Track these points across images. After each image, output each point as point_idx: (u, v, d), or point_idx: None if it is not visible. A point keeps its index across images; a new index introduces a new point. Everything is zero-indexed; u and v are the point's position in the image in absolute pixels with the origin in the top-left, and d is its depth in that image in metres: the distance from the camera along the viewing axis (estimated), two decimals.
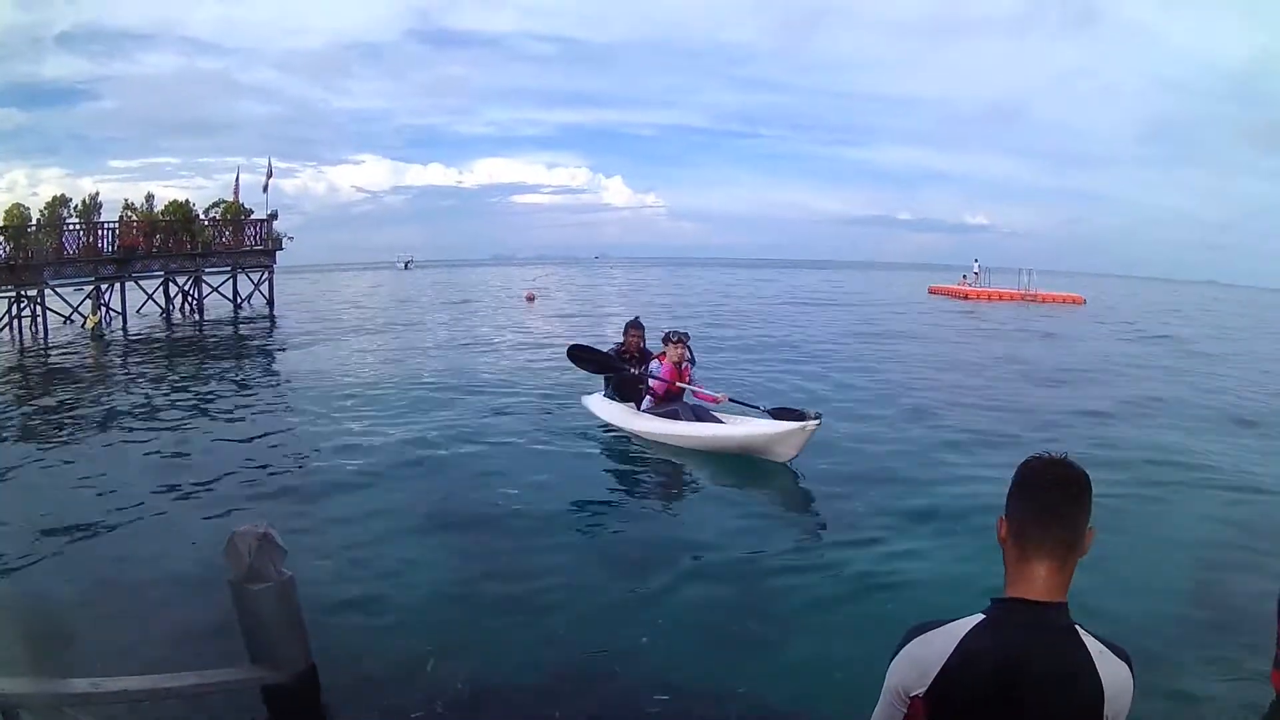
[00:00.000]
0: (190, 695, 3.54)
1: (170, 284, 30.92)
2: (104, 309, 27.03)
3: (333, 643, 4.44)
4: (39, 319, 24.83)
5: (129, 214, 29.70)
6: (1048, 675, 1.62)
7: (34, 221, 27.45)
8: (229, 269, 32.77)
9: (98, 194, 29.19)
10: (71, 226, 27.57)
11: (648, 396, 10.30)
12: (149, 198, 30.88)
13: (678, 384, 9.97)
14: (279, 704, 3.73)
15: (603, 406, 10.98)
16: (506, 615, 5.31)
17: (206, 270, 31.63)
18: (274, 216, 33.52)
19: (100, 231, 27.94)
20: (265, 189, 33.66)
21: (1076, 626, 1.67)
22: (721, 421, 9.77)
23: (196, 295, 31.53)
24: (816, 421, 8.50)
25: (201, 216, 31.78)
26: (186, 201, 31.75)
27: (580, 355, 11.06)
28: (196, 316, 30.38)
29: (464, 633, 5.07)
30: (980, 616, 1.72)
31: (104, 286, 27.28)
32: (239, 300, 33.22)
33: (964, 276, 56.08)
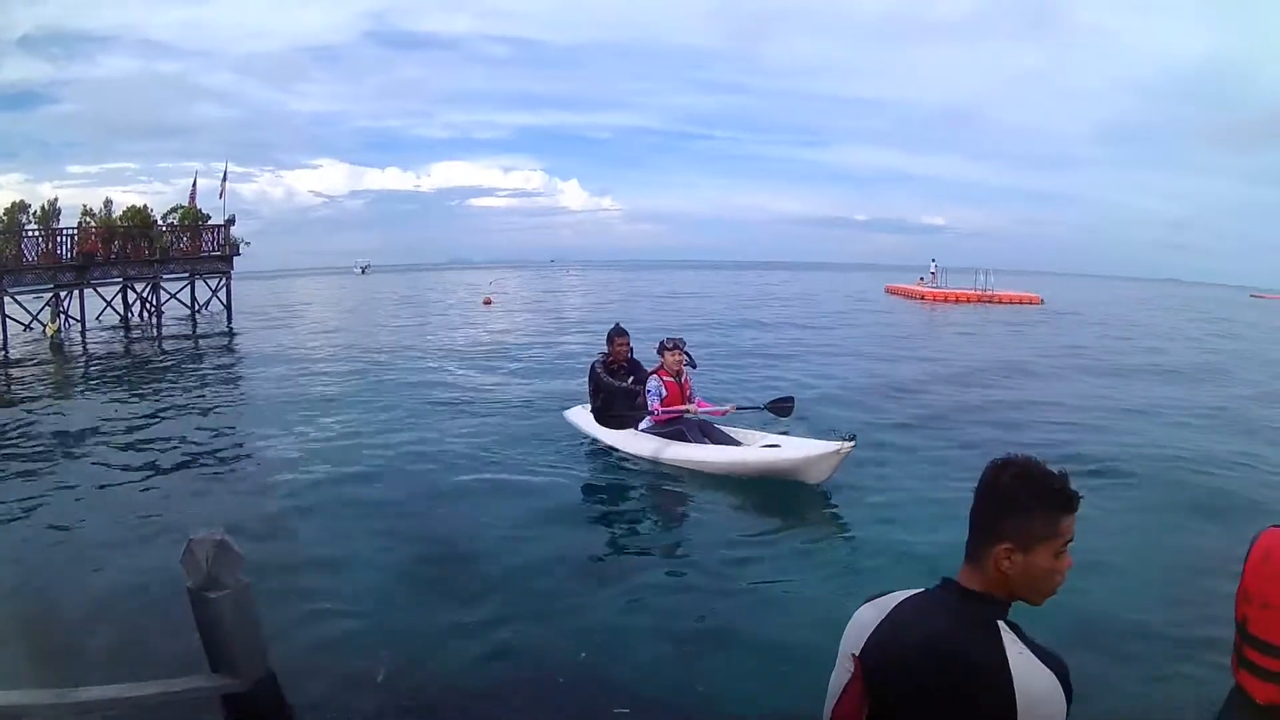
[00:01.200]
0: (153, 705, 3.58)
1: (129, 291, 30.65)
2: (63, 316, 26.74)
3: (292, 651, 4.53)
4: None
5: (87, 220, 29.38)
6: (959, 663, 1.67)
7: None
8: (187, 275, 32.57)
9: (56, 199, 28.86)
10: (31, 233, 27.27)
11: (646, 415, 9.51)
12: (107, 203, 30.55)
13: (687, 408, 9.26)
14: (240, 712, 3.79)
15: (592, 424, 10.27)
16: (465, 625, 5.37)
17: (164, 276, 31.41)
18: (231, 221, 33.31)
19: (59, 238, 27.59)
20: (221, 194, 33.48)
21: (1000, 623, 1.71)
22: (734, 439, 9.22)
23: (155, 302, 31.34)
24: (851, 443, 8.06)
25: (160, 222, 31.50)
26: (145, 207, 31.47)
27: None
28: (155, 323, 30.16)
29: (421, 642, 5.13)
30: (921, 590, 1.84)
31: (63, 294, 26.95)
32: (197, 307, 33.10)
33: (921, 278, 56.49)
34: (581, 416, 10.61)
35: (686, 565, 6.65)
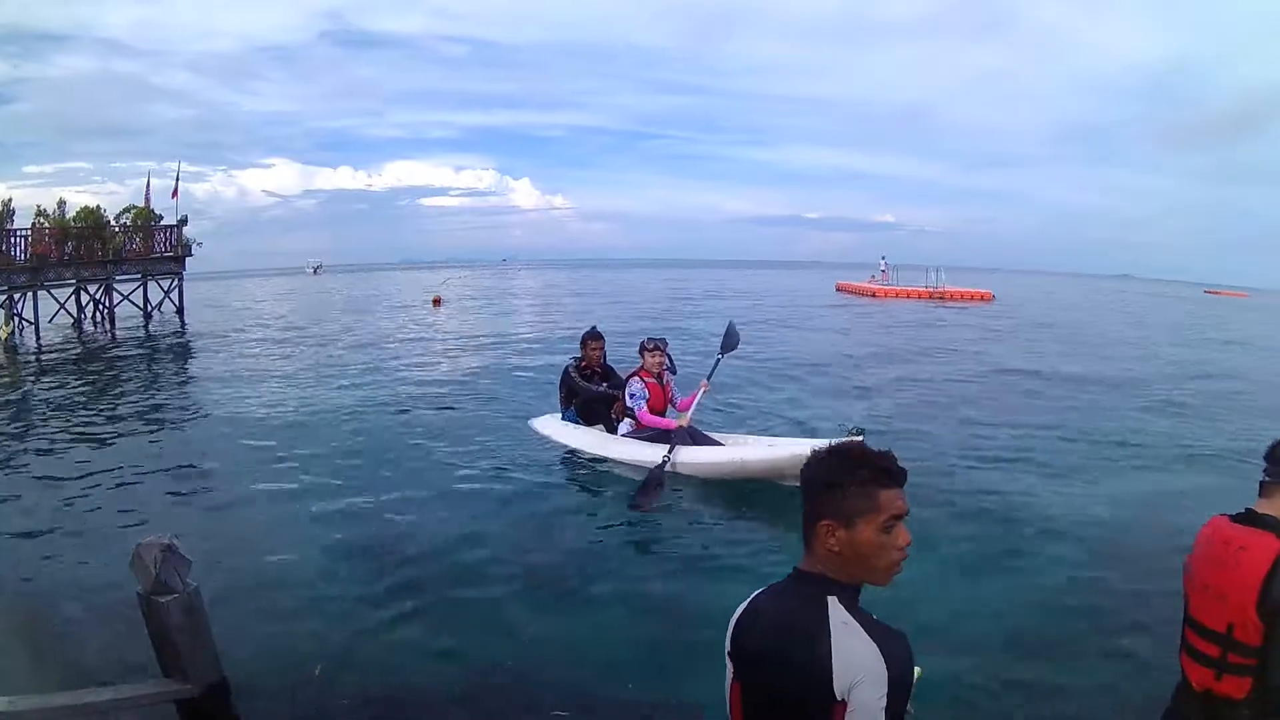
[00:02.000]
0: (106, 711, 3.62)
1: (82, 292, 30.22)
2: (17, 319, 26.37)
3: (244, 655, 4.49)
4: None
5: (41, 221, 28.96)
6: (790, 637, 1.74)
7: None
8: (139, 276, 32.20)
9: (10, 200, 28.39)
10: None
11: (627, 419, 9.06)
12: (61, 204, 30.10)
13: (680, 421, 8.60)
14: (192, 718, 3.83)
15: (566, 432, 9.75)
16: (415, 627, 5.39)
17: (117, 277, 31.05)
18: (184, 222, 33.05)
19: (13, 239, 27.17)
20: (174, 194, 33.05)
21: (829, 598, 1.74)
22: (720, 443, 8.72)
23: (108, 304, 30.94)
24: (859, 438, 7.36)
25: (113, 223, 31.10)
26: (98, 207, 31.04)
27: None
28: (108, 326, 29.78)
29: (372, 649, 5.11)
30: (776, 582, 1.92)
31: (16, 296, 26.56)
32: (149, 308, 32.73)
33: (872, 275, 56.79)
34: (551, 424, 10.13)
35: (657, 569, 6.61)
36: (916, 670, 1.75)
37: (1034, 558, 6.64)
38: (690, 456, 8.39)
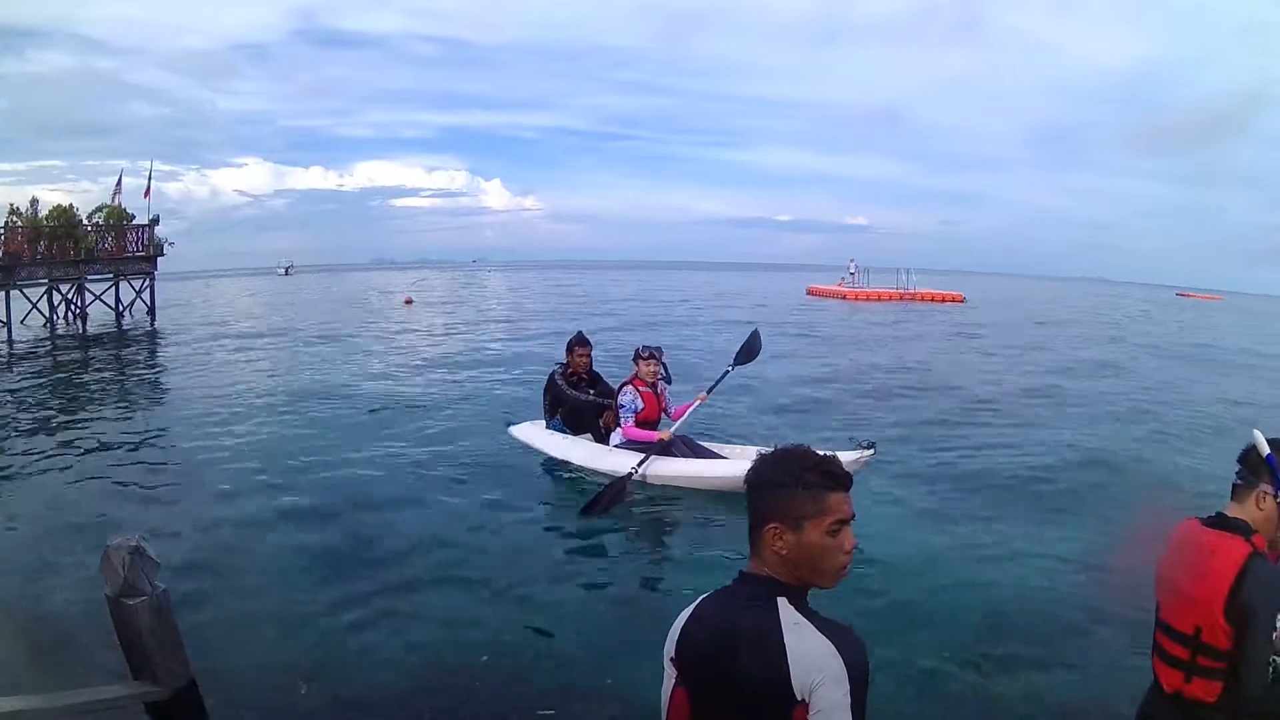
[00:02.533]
0: (76, 713, 3.61)
1: (54, 292, 30.03)
2: None
3: (214, 656, 4.46)
4: None
5: (14, 220, 28.70)
6: (740, 639, 1.73)
7: None
8: (111, 276, 31.96)
9: None
10: None
11: (619, 430, 8.64)
12: (34, 202, 29.84)
13: (662, 435, 8.26)
14: None
15: (552, 441, 9.33)
16: (388, 629, 5.39)
17: (89, 277, 30.77)
18: (156, 221, 32.76)
19: None
20: (146, 194, 32.79)
21: (781, 599, 1.76)
22: (718, 454, 8.49)
23: (79, 304, 30.72)
24: (871, 451, 7.50)
25: (85, 222, 30.84)
26: (70, 206, 30.78)
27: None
28: (80, 326, 29.61)
29: (342, 646, 5.13)
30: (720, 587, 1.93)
31: None
32: (121, 309, 32.53)
33: (842, 279, 56.86)
34: (535, 433, 9.72)
35: (638, 571, 6.72)
36: None
37: (1010, 559, 6.73)
38: (668, 468, 8.19)
